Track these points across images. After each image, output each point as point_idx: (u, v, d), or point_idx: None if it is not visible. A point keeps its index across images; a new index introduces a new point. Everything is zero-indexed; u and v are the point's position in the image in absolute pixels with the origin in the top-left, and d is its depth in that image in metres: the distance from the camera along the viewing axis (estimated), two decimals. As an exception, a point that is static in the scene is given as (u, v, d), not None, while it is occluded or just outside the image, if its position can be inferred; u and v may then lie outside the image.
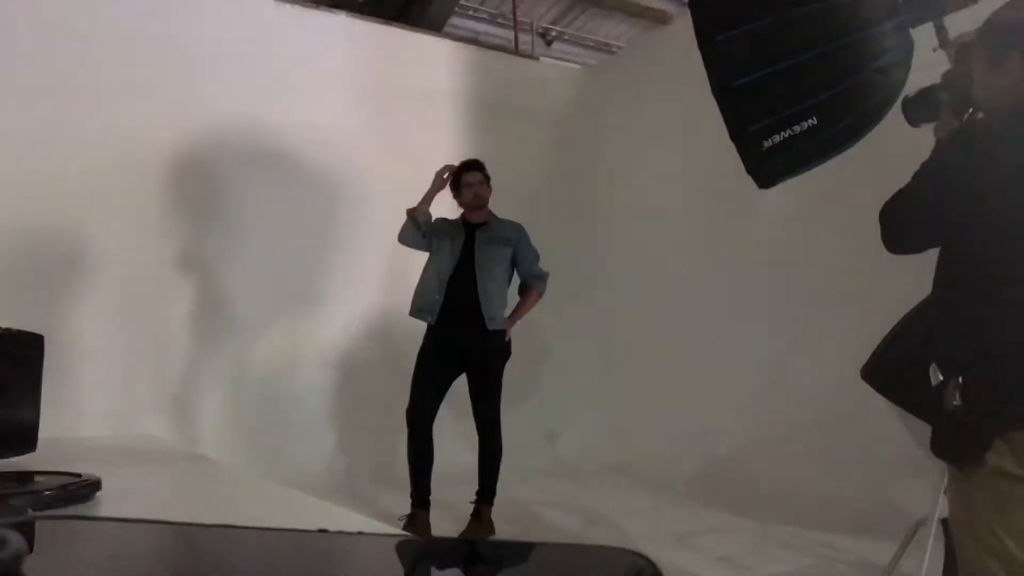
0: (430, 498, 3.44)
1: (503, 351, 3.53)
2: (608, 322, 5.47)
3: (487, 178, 3.59)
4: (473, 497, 3.47)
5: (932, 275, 1.53)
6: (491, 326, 3.45)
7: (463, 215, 3.63)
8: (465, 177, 3.56)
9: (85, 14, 4.09)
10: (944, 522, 2.27)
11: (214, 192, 4.48)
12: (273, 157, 4.62)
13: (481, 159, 3.64)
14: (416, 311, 3.55)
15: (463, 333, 3.45)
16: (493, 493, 3.47)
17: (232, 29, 4.55)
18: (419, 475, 3.44)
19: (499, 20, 8.10)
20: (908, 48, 1.88)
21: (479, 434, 3.49)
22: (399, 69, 5.18)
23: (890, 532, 2.66)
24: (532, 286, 3.62)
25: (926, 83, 1.74)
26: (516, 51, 6.92)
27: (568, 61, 7.78)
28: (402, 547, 0.66)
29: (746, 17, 2.02)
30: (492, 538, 3.17)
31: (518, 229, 3.62)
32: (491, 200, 3.61)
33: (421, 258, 3.63)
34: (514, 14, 7.40)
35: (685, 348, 4.82)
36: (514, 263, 3.60)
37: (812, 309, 4.14)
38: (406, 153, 4.76)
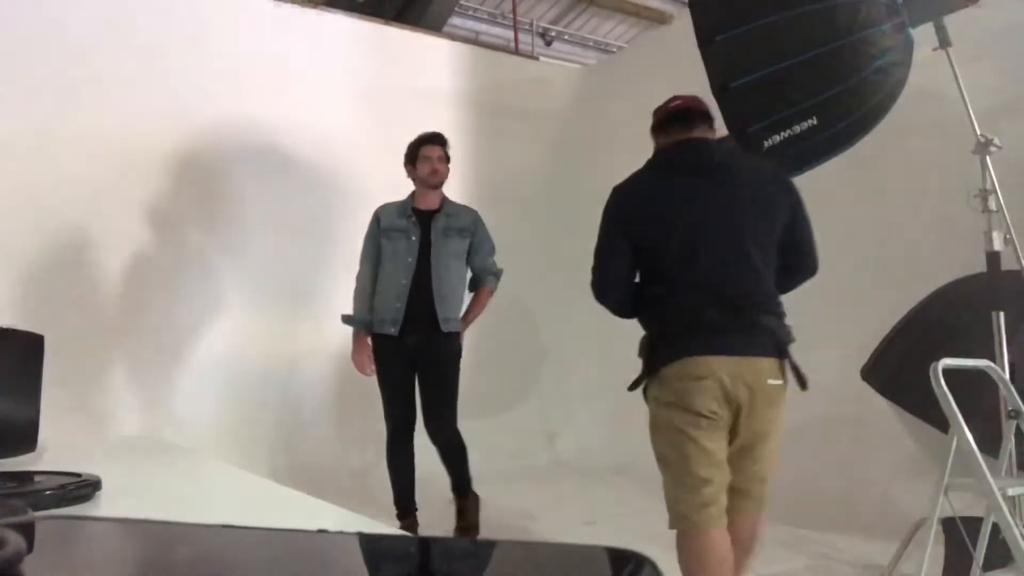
0: (415, 507, 3.26)
1: (457, 354, 3.22)
2: (608, 322, 5.45)
3: (448, 156, 3.27)
4: (451, 496, 3.29)
5: (932, 276, 1.53)
6: (446, 328, 3.15)
7: (413, 199, 3.28)
8: (424, 150, 3.23)
9: (84, 14, 4.09)
10: (944, 522, 2.28)
11: (214, 192, 4.48)
12: (273, 157, 4.61)
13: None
14: (378, 323, 3.19)
15: (416, 335, 3.14)
16: (468, 482, 3.25)
17: (232, 29, 4.54)
18: (400, 487, 3.25)
19: (499, 20, 8.12)
20: (908, 48, 1.88)
21: (437, 449, 3.20)
22: (399, 69, 5.17)
23: (890, 532, 2.66)
24: (485, 282, 3.32)
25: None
26: (516, 51, 6.93)
27: (568, 61, 7.79)
28: (400, 547, 0.66)
29: (746, 17, 2.02)
30: (492, 539, 3.16)
31: (475, 217, 3.30)
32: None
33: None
34: (514, 14, 7.41)
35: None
36: (468, 254, 3.26)
37: (812, 309, 4.13)
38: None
